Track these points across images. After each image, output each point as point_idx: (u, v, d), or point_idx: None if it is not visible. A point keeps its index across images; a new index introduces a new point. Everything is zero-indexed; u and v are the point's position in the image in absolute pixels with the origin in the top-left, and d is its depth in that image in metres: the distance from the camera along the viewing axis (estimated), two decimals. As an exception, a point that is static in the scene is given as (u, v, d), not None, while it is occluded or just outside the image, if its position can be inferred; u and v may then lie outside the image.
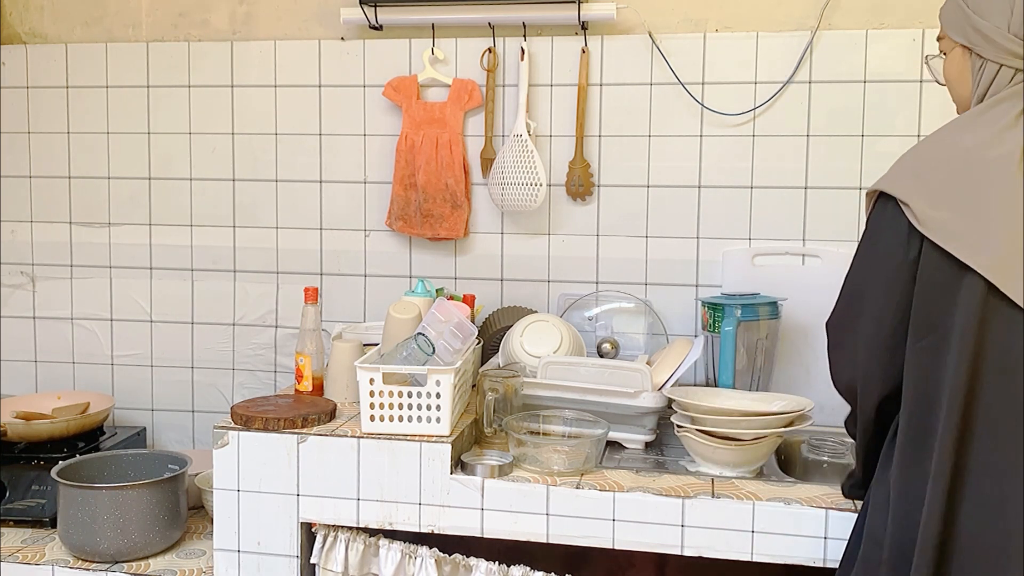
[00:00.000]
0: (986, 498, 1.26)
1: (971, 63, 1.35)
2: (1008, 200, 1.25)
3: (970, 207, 1.26)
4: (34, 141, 2.60)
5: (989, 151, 1.26)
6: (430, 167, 2.35)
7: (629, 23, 2.30)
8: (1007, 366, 1.26)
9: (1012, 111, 1.28)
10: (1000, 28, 1.29)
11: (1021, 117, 1.27)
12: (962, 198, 1.26)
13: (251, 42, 2.48)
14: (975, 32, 1.32)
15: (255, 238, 2.52)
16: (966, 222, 1.25)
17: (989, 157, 1.26)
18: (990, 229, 1.25)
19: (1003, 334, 1.26)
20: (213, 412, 2.53)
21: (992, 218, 1.25)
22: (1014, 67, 1.29)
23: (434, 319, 1.90)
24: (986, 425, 1.26)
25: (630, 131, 2.32)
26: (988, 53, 1.31)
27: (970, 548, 1.27)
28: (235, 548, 1.85)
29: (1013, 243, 1.24)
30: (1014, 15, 1.28)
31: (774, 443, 1.83)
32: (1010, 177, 1.26)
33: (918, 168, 1.31)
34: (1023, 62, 1.29)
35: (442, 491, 1.75)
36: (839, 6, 2.22)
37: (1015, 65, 1.29)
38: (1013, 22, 1.28)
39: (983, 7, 1.31)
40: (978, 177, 1.26)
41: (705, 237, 2.31)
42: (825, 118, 2.23)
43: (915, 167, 1.31)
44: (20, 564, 1.99)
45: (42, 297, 2.63)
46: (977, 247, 1.24)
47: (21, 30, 2.60)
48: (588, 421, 1.88)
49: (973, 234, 1.25)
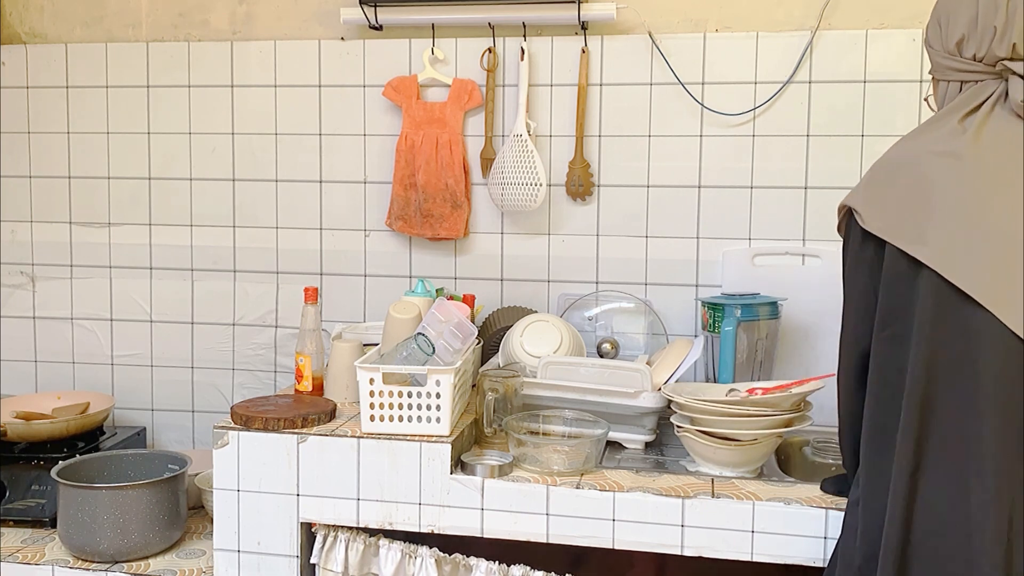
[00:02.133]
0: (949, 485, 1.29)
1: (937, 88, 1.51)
2: (950, 194, 1.33)
3: (917, 204, 1.35)
4: (34, 141, 2.60)
5: (934, 150, 1.38)
6: (430, 167, 2.35)
7: (629, 23, 2.30)
8: (963, 356, 1.30)
9: (956, 115, 1.40)
10: (940, 51, 1.46)
11: (964, 120, 1.39)
12: (910, 197, 1.36)
13: (251, 42, 2.48)
14: (933, 63, 1.49)
15: (255, 238, 2.52)
16: (913, 218, 1.34)
17: (933, 155, 1.37)
18: (935, 223, 1.32)
19: (959, 324, 1.30)
20: (213, 412, 2.54)
21: (936, 212, 1.33)
22: (958, 80, 1.44)
23: (434, 319, 1.90)
24: (946, 414, 1.31)
25: (630, 131, 2.32)
26: (939, 75, 1.48)
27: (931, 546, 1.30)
28: (235, 548, 1.85)
29: (958, 234, 1.31)
30: (943, 35, 1.44)
31: (774, 443, 1.83)
32: (953, 173, 1.34)
33: (873, 175, 1.44)
34: (961, 74, 1.43)
35: (442, 491, 1.75)
36: (839, 6, 2.22)
37: (957, 78, 1.44)
38: (944, 41, 1.44)
39: (931, 38, 1.48)
40: (922, 175, 1.36)
41: (705, 237, 2.31)
42: (825, 118, 2.23)
43: (871, 175, 1.44)
44: (20, 564, 1.99)
45: (42, 297, 2.63)
46: (923, 240, 1.32)
47: (21, 30, 2.60)
48: (588, 421, 1.88)
49: (919, 229, 1.33)
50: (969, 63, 1.41)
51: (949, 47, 1.43)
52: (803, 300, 2.18)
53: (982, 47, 1.39)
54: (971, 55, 1.41)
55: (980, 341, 1.29)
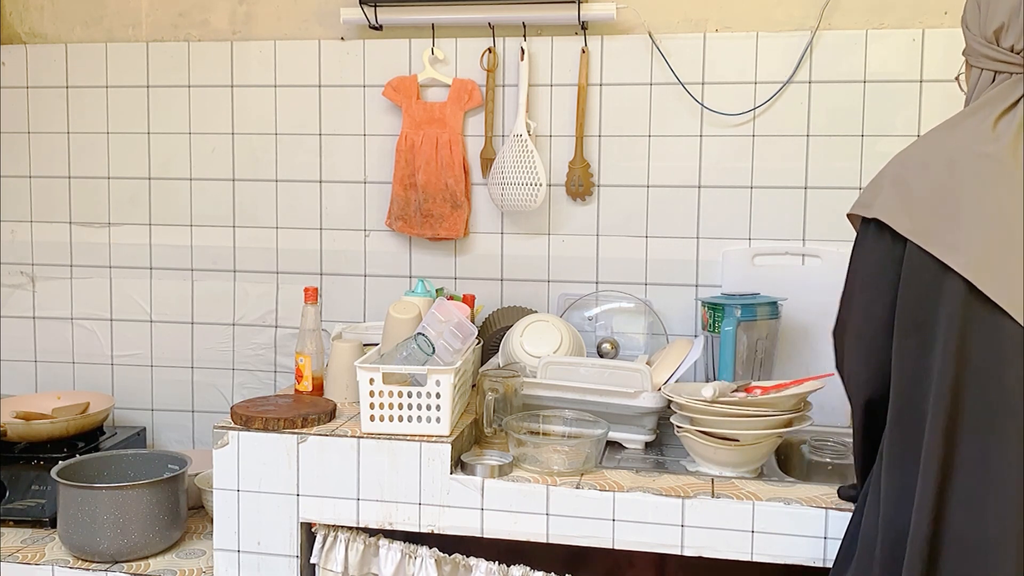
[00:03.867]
0: (974, 498, 1.26)
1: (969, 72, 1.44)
2: (986, 200, 1.28)
3: (949, 207, 1.29)
4: (34, 141, 2.60)
5: (969, 152, 1.31)
6: (430, 167, 2.35)
7: (629, 23, 2.30)
8: (990, 366, 1.26)
9: (990, 113, 1.34)
10: (976, 36, 1.39)
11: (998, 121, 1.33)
12: (942, 198, 1.30)
13: (251, 42, 2.48)
14: (968, 45, 1.43)
15: (255, 238, 2.52)
16: (945, 222, 1.29)
17: (969, 158, 1.31)
18: (969, 229, 1.27)
19: (986, 334, 1.26)
20: (213, 412, 2.54)
21: (970, 218, 1.28)
22: (992, 69, 1.38)
23: (434, 319, 1.90)
24: (972, 425, 1.27)
25: (630, 131, 2.32)
26: (973, 60, 1.41)
27: (960, 548, 1.27)
28: (235, 548, 1.85)
29: (992, 242, 1.26)
30: (982, 20, 1.38)
31: (774, 443, 1.83)
32: (989, 177, 1.29)
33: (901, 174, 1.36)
34: (996, 64, 1.37)
35: (442, 491, 1.75)
36: (839, 6, 2.22)
37: (991, 67, 1.38)
38: (982, 27, 1.38)
39: (969, 20, 1.42)
40: (958, 177, 1.30)
41: (705, 237, 2.31)
42: (825, 118, 2.23)
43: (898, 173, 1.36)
44: (20, 564, 1.99)
45: (42, 297, 2.63)
46: (955, 246, 1.27)
47: (21, 30, 2.60)
48: (588, 421, 1.88)
49: (951, 234, 1.28)
50: (1006, 54, 1.35)
51: (987, 34, 1.36)
52: (803, 300, 2.18)
53: (1022, 40, 1.33)
54: (1009, 46, 1.34)
55: (1008, 353, 1.25)
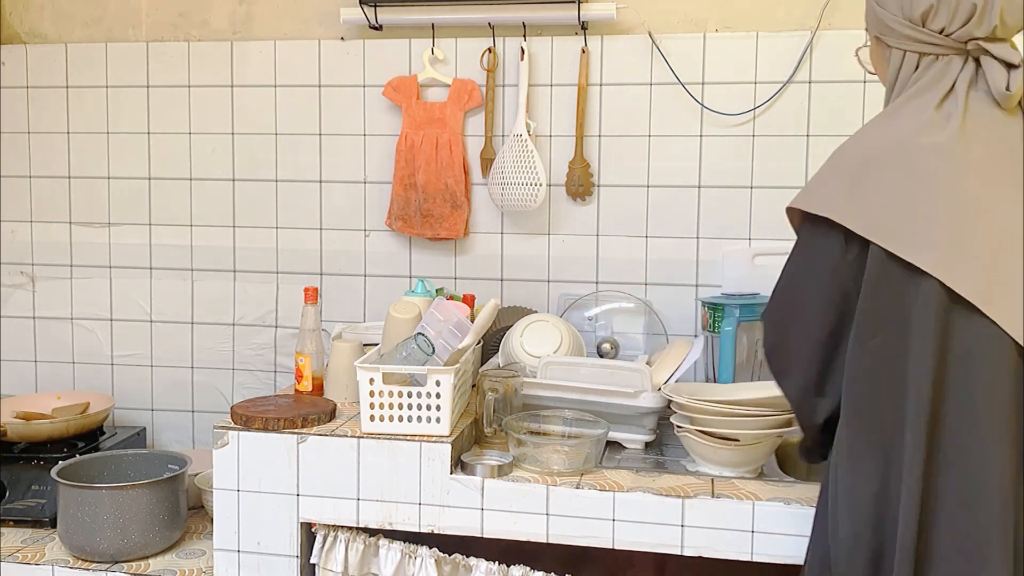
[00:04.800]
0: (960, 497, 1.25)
1: (884, 52, 1.40)
2: (944, 193, 1.25)
3: (908, 203, 1.25)
4: (34, 141, 2.60)
5: (919, 144, 1.27)
6: (430, 167, 2.35)
7: (629, 23, 2.30)
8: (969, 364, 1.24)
9: (930, 99, 1.31)
10: (896, 16, 1.35)
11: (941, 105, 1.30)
12: (899, 194, 1.26)
13: (251, 42, 2.48)
14: (880, 22, 1.38)
15: (255, 238, 2.52)
16: (906, 219, 1.25)
17: (920, 150, 1.27)
18: (932, 225, 1.24)
19: (962, 331, 1.24)
20: (213, 412, 2.53)
21: (932, 213, 1.24)
22: (916, 51, 1.34)
23: (433, 319, 1.90)
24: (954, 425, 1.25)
25: (630, 131, 2.32)
26: (892, 41, 1.36)
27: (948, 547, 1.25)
28: (235, 548, 1.85)
29: (957, 237, 1.23)
30: (904, 3, 1.33)
31: (774, 443, 1.83)
32: (943, 169, 1.25)
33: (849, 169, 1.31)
34: (921, 46, 1.33)
35: (442, 491, 1.75)
36: (839, 6, 2.22)
37: (915, 49, 1.34)
38: (905, 8, 1.33)
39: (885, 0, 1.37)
40: (911, 171, 1.26)
41: (705, 237, 2.31)
42: (825, 118, 2.23)
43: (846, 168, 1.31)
44: (20, 564, 1.99)
45: (42, 297, 2.63)
46: (921, 245, 1.23)
47: (21, 30, 2.60)
48: (588, 421, 1.88)
49: (914, 231, 1.24)
50: (933, 36, 1.31)
51: (912, 16, 1.32)
52: (803, 300, 2.18)
53: (954, 23, 1.30)
54: (938, 28, 1.31)
55: (984, 349, 1.23)
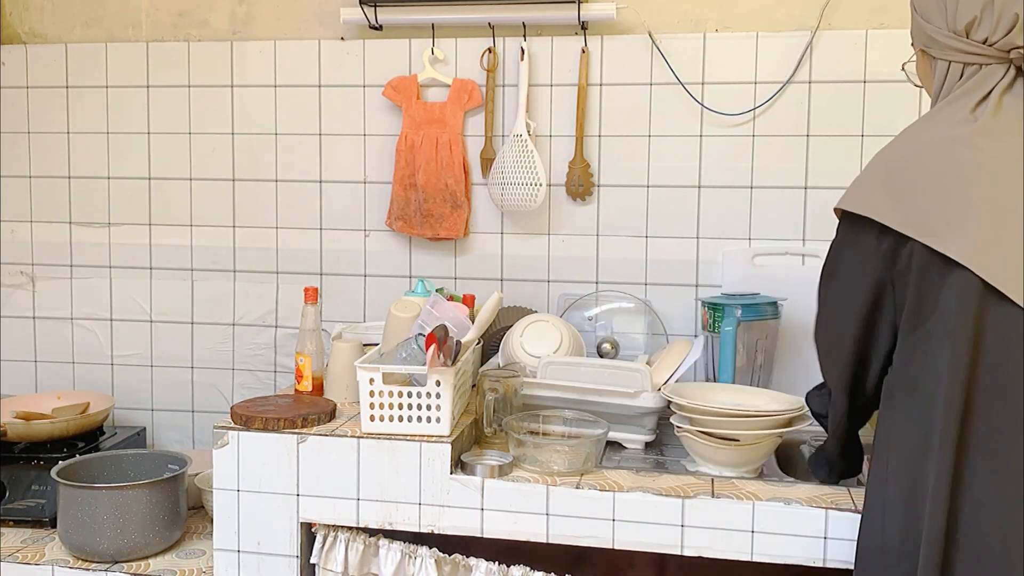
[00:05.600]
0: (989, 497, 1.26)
1: (930, 64, 1.44)
2: (974, 185, 1.28)
3: (939, 194, 1.29)
4: (34, 141, 2.60)
5: (949, 139, 1.32)
6: (430, 167, 2.35)
7: (629, 23, 2.30)
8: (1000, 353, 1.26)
9: (966, 103, 1.34)
10: (941, 28, 1.39)
11: (976, 109, 1.33)
12: (930, 186, 1.30)
13: (251, 42, 2.48)
14: (926, 35, 1.42)
15: (255, 238, 2.52)
16: (937, 211, 1.29)
17: (950, 144, 1.31)
18: (963, 217, 1.28)
19: (998, 324, 1.26)
20: (213, 412, 2.53)
21: (962, 205, 1.28)
22: (961, 62, 1.38)
23: (432, 318, 1.90)
24: (986, 420, 1.27)
25: (630, 131, 2.32)
26: (937, 52, 1.40)
27: (975, 548, 1.27)
28: (235, 548, 1.85)
29: (987, 227, 1.27)
30: (948, 15, 1.37)
31: (774, 443, 1.83)
32: (976, 162, 1.29)
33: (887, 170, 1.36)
34: (965, 56, 1.37)
35: (442, 491, 1.75)
36: (839, 6, 2.22)
37: (960, 60, 1.38)
38: (949, 21, 1.37)
39: (928, 11, 1.41)
40: (943, 163, 1.31)
41: (705, 237, 2.31)
42: (825, 118, 2.23)
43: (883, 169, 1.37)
44: (20, 564, 1.99)
45: (42, 297, 2.63)
46: (953, 235, 1.27)
47: (21, 30, 2.60)
48: (588, 421, 1.88)
49: (946, 222, 1.28)
50: (977, 46, 1.35)
51: (956, 27, 1.36)
52: (803, 300, 2.17)
53: (996, 32, 1.33)
54: (981, 39, 1.35)
55: (1015, 338, 1.25)
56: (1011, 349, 1.26)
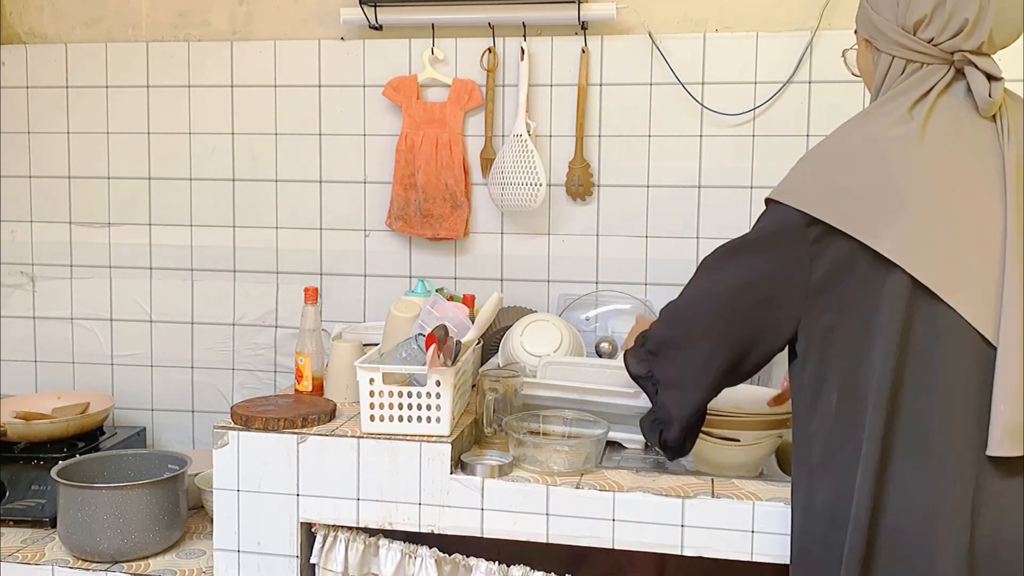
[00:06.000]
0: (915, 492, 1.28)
1: (872, 55, 1.44)
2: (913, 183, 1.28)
3: (875, 191, 1.30)
4: (34, 141, 2.60)
5: (885, 137, 1.32)
6: (430, 167, 2.35)
7: (629, 23, 2.30)
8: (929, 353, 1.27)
9: (904, 101, 1.34)
10: (889, 22, 1.38)
11: (913, 108, 1.33)
12: (866, 183, 1.30)
13: (251, 42, 2.48)
14: (873, 26, 1.41)
15: (255, 238, 2.52)
16: (873, 207, 1.29)
17: (885, 142, 1.31)
18: (897, 214, 1.28)
19: (927, 321, 1.27)
20: (213, 412, 2.53)
21: (898, 202, 1.28)
22: (904, 58, 1.37)
23: (432, 318, 1.90)
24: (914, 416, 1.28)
25: (630, 131, 2.32)
26: (882, 45, 1.40)
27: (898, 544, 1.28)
28: (235, 548, 1.85)
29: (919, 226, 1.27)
30: (900, 9, 1.36)
31: (774, 443, 1.83)
32: (912, 160, 1.30)
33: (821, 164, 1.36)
34: (910, 53, 1.36)
35: (442, 491, 1.75)
36: (839, 6, 2.22)
37: (904, 56, 1.37)
38: (899, 16, 1.36)
39: (878, 3, 1.40)
40: (880, 160, 1.31)
41: (705, 237, 2.31)
42: (825, 118, 2.23)
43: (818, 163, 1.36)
44: (20, 564, 1.99)
45: (42, 297, 2.63)
46: (887, 233, 1.28)
47: (21, 30, 2.60)
48: (588, 421, 1.88)
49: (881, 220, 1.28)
50: (922, 44, 1.35)
51: (905, 23, 1.35)
52: (803, 300, 2.17)
53: (944, 34, 1.33)
54: (928, 38, 1.35)
55: (945, 338, 1.27)
56: (939, 345, 1.27)
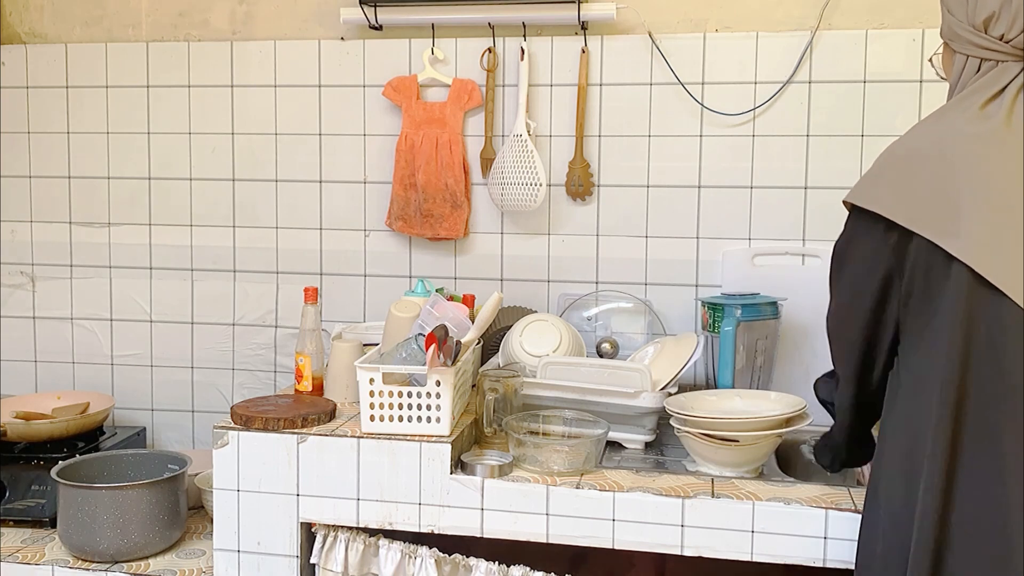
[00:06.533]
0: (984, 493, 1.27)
1: (952, 57, 1.44)
2: (980, 181, 1.28)
3: (944, 190, 1.30)
4: (34, 141, 2.60)
5: (959, 135, 1.32)
6: (430, 167, 2.35)
7: (629, 23, 2.30)
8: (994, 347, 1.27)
9: (977, 100, 1.35)
10: (962, 22, 1.38)
11: (986, 106, 1.33)
12: (935, 182, 1.31)
13: (251, 42, 2.48)
14: (948, 28, 1.42)
15: (255, 238, 2.52)
16: (941, 206, 1.29)
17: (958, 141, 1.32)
18: (965, 212, 1.28)
19: (989, 319, 1.27)
20: (213, 412, 2.53)
21: (966, 200, 1.28)
22: (978, 56, 1.37)
23: (432, 318, 1.90)
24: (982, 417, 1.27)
25: (630, 131, 2.32)
26: (957, 46, 1.40)
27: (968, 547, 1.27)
28: (235, 548, 1.85)
29: (989, 225, 1.27)
30: (969, 8, 1.37)
31: (774, 443, 1.83)
32: (982, 159, 1.29)
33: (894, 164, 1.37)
34: (983, 51, 1.36)
35: (442, 491, 1.75)
36: (839, 6, 2.22)
37: (977, 55, 1.37)
38: (970, 14, 1.37)
39: (952, 4, 1.41)
40: (949, 162, 1.31)
41: (705, 237, 2.31)
42: (825, 118, 2.23)
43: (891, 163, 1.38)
44: (20, 564, 1.99)
45: (42, 297, 2.63)
46: (954, 231, 1.28)
47: (21, 30, 2.60)
48: (588, 421, 1.88)
49: (949, 218, 1.29)
50: (994, 42, 1.35)
51: (975, 21, 1.36)
52: (803, 300, 2.18)
53: (1013, 29, 1.33)
54: (998, 35, 1.35)
55: (1010, 336, 1.26)
56: (1006, 345, 1.27)
